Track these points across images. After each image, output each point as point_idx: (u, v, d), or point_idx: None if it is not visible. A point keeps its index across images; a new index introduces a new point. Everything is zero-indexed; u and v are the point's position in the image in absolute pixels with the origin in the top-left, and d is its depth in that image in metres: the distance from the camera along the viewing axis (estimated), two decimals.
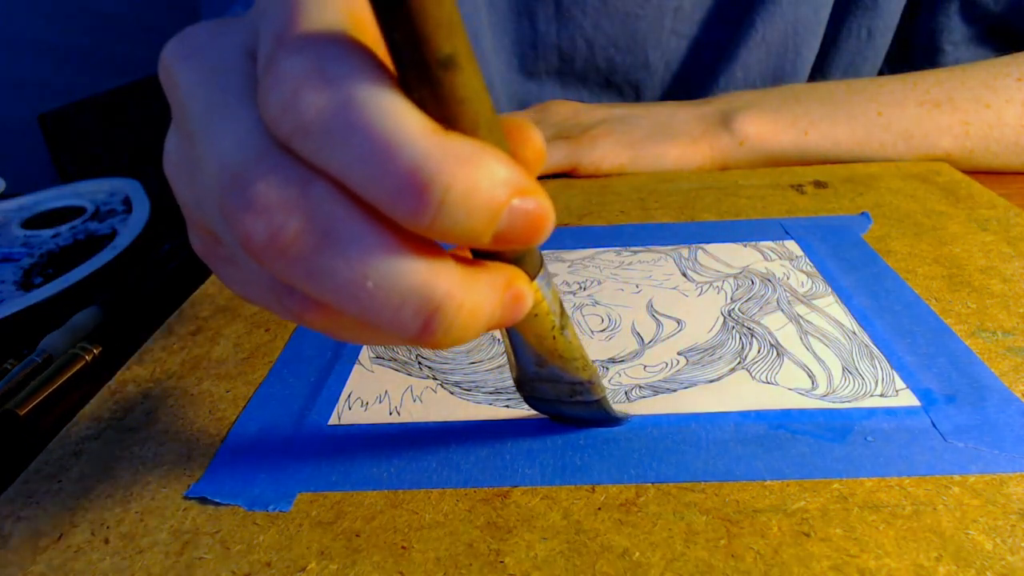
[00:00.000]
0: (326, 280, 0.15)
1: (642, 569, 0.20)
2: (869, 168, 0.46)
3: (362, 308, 0.15)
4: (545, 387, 0.24)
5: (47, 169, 0.93)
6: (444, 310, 0.15)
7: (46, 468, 0.26)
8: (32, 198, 0.52)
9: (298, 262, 0.15)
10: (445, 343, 0.16)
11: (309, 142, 0.14)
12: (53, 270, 0.42)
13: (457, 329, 0.15)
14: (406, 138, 0.14)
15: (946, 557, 0.20)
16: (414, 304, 0.15)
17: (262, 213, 0.15)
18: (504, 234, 0.15)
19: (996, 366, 0.27)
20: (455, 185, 0.14)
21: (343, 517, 0.23)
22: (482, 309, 0.16)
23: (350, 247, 0.15)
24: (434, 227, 0.14)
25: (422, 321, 0.15)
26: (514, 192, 0.15)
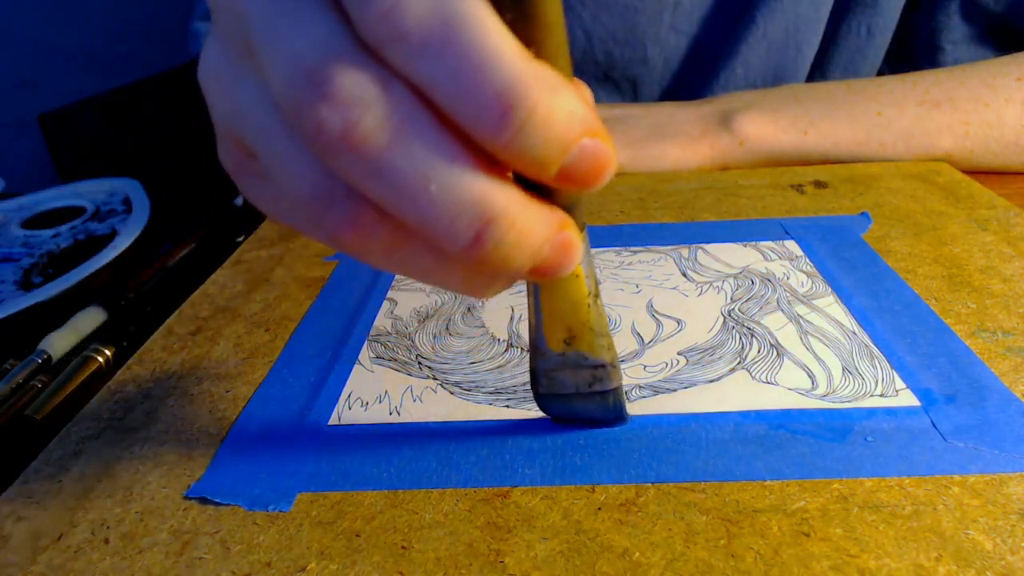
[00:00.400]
0: (392, 179, 0.15)
1: (642, 569, 0.20)
2: (869, 168, 0.46)
3: (420, 211, 0.15)
4: (565, 377, 0.24)
5: (47, 169, 0.93)
6: (497, 223, 0.16)
7: (46, 468, 0.26)
8: (32, 198, 0.52)
9: (367, 158, 0.15)
10: (492, 260, 0.16)
11: (404, 50, 0.15)
12: (53, 270, 0.42)
13: (506, 246, 0.16)
14: (500, 59, 0.14)
15: (946, 557, 0.20)
16: (470, 213, 0.15)
17: (339, 105, 0.15)
18: (570, 169, 0.15)
19: (996, 366, 0.27)
20: (538, 110, 0.14)
21: (343, 517, 0.23)
22: (533, 234, 0.16)
23: (421, 149, 0.15)
24: (510, 147, 0.15)
25: (475, 231, 0.15)
26: (586, 130, 0.15)
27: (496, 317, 0.33)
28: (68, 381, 0.30)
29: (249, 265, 0.40)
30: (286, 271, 0.39)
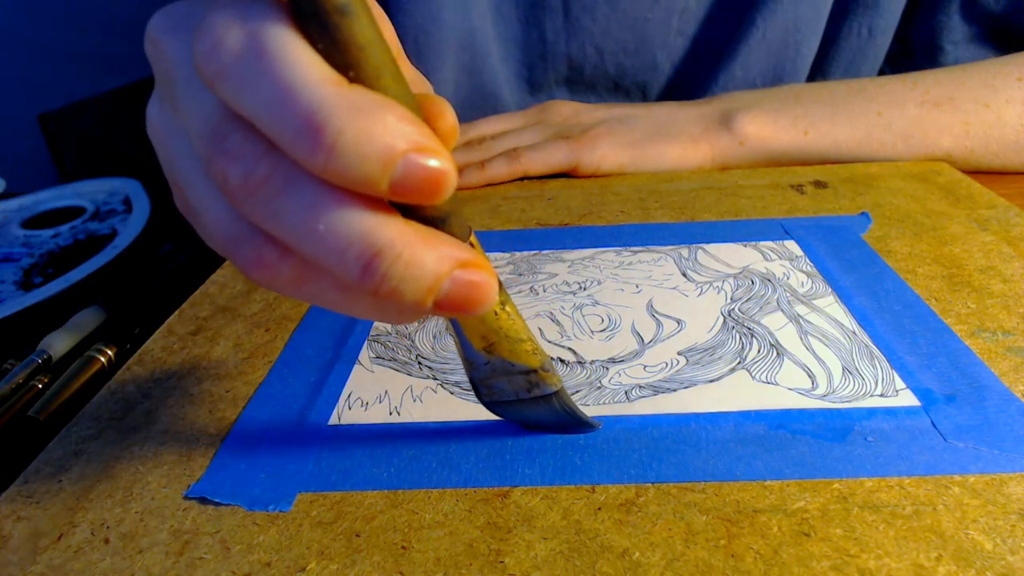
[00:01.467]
0: (287, 221, 0.17)
1: (642, 569, 0.20)
2: (869, 168, 0.46)
3: (314, 248, 0.17)
4: (501, 383, 0.24)
5: (47, 169, 0.93)
6: (383, 255, 0.16)
7: (46, 468, 0.26)
8: (32, 198, 0.52)
9: (264, 203, 0.17)
10: (384, 291, 0.17)
11: (227, 86, 0.16)
12: (53, 270, 0.42)
13: (394, 278, 0.17)
14: (305, 84, 0.15)
15: (946, 557, 0.20)
16: (357, 247, 0.16)
17: (237, 159, 0.17)
18: (401, 185, 0.16)
19: (996, 366, 0.27)
20: (347, 130, 0.15)
21: (343, 517, 0.23)
22: (423, 267, 0.17)
23: (308, 192, 0.16)
24: (328, 169, 0.16)
25: (363, 264, 0.16)
26: (412, 146, 0.16)
27: None
28: (70, 381, 0.30)
29: None
30: None
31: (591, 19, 0.54)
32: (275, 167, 0.17)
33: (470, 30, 0.53)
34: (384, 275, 0.17)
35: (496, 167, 0.48)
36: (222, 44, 0.16)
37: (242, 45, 0.16)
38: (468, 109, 0.57)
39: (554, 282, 0.36)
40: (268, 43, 0.16)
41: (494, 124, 0.53)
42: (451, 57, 0.54)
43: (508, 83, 0.58)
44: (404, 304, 0.17)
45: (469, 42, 0.53)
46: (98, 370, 0.32)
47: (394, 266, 0.17)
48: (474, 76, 0.55)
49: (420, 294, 0.17)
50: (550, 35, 0.55)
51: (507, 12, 0.55)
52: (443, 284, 0.17)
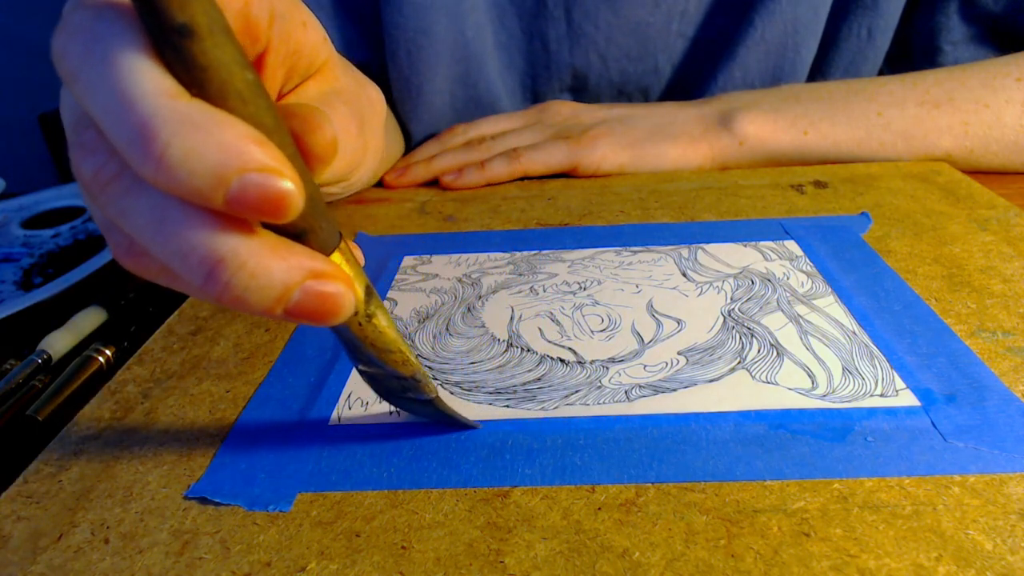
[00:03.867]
0: (134, 220, 0.17)
1: (642, 569, 0.20)
2: (869, 168, 0.46)
3: (160, 249, 0.17)
4: (380, 378, 0.24)
5: (47, 169, 0.93)
6: (225, 264, 0.16)
7: (46, 468, 0.26)
8: (32, 198, 0.52)
9: (113, 200, 0.17)
10: (228, 299, 0.17)
11: (75, 88, 0.17)
12: (53, 270, 0.42)
13: (238, 287, 0.17)
14: (141, 95, 0.15)
15: (946, 557, 0.20)
16: (200, 253, 0.17)
17: (91, 154, 0.17)
18: (237, 202, 0.16)
19: (996, 366, 0.27)
20: (175, 143, 0.15)
21: (343, 517, 0.23)
22: (269, 277, 0.17)
23: (152, 196, 0.17)
24: (159, 180, 0.16)
25: (206, 271, 0.17)
26: (249, 164, 0.16)
27: (496, 317, 0.33)
28: (70, 381, 0.30)
29: None
30: None
31: (594, 26, 0.54)
32: (124, 167, 0.17)
33: (464, 42, 0.53)
34: (227, 284, 0.17)
35: (496, 167, 0.48)
36: (71, 46, 0.16)
37: (87, 49, 0.16)
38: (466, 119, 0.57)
39: (554, 282, 0.36)
40: (110, 51, 0.16)
41: (493, 124, 0.53)
42: (444, 69, 0.54)
43: (510, 93, 0.58)
44: (255, 311, 0.17)
45: (463, 54, 0.53)
46: (97, 370, 0.32)
47: (237, 275, 0.17)
48: (469, 87, 0.55)
49: (267, 303, 0.17)
50: (553, 45, 0.55)
51: (509, 23, 0.55)
52: (293, 294, 0.17)
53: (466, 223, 0.43)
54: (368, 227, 0.44)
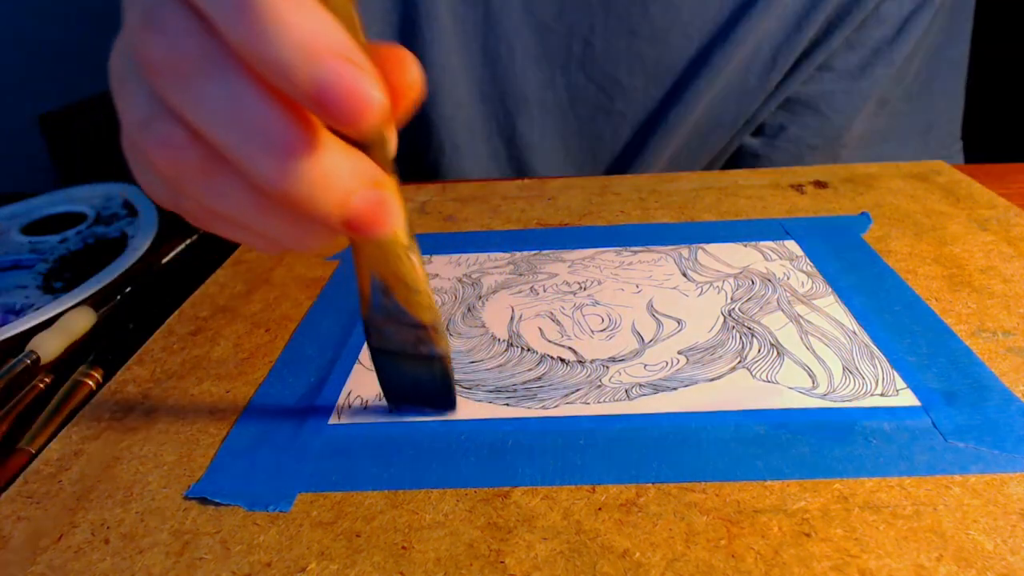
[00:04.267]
0: (205, 103, 0.16)
1: (643, 569, 0.20)
2: (869, 168, 0.46)
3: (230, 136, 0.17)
4: (391, 331, 0.24)
5: (47, 170, 0.93)
6: (301, 156, 0.16)
7: (46, 468, 0.26)
8: (24, 205, 0.52)
9: (185, 81, 0.17)
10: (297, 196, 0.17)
11: None
12: (71, 274, 0.42)
13: (309, 184, 0.17)
14: None
15: (947, 557, 0.20)
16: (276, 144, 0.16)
17: (165, 33, 0.17)
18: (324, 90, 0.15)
19: (996, 366, 0.27)
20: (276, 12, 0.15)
21: (343, 517, 0.23)
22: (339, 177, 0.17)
23: (231, 80, 0.16)
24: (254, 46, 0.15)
25: (280, 161, 0.16)
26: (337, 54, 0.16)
27: (496, 317, 0.33)
28: (59, 408, 0.29)
29: (249, 265, 0.40)
30: (286, 271, 0.39)
31: None
32: (204, 47, 0.16)
33: None
34: (300, 177, 0.16)
35: None
36: None
37: None
38: None
39: (554, 282, 0.36)
40: None
41: None
42: None
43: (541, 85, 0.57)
44: (314, 212, 0.17)
45: None
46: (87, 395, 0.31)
47: (310, 170, 0.16)
48: None
49: (331, 204, 0.17)
50: None
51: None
52: (354, 198, 0.17)
53: (466, 223, 0.43)
54: None
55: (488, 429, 0.26)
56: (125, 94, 0.19)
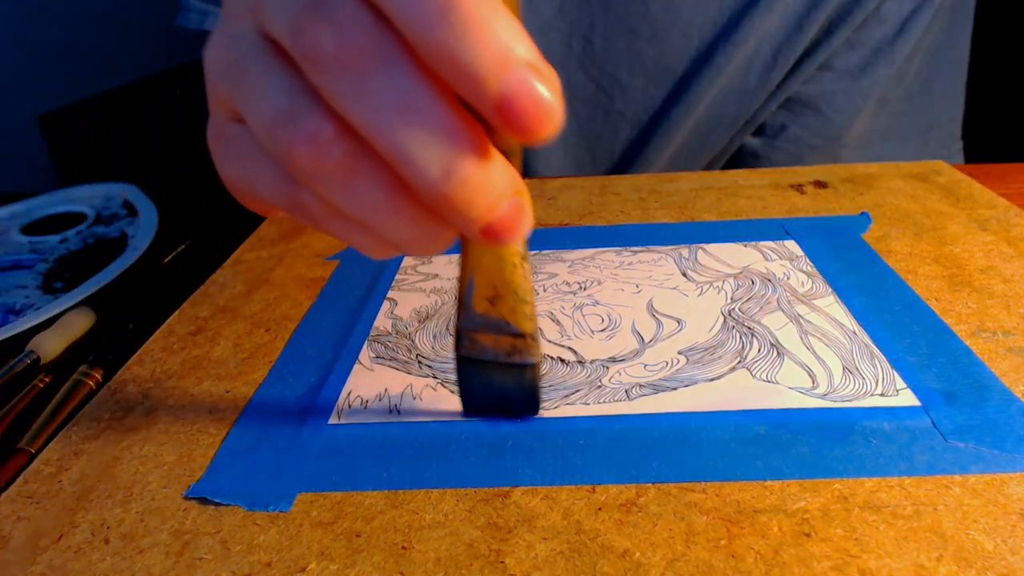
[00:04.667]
0: (373, 97, 0.16)
1: (643, 569, 0.20)
2: (869, 168, 0.46)
3: (396, 136, 0.16)
4: (486, 341, 0.24)
5: (47, 170, 0.93)
6: (466, 161, 0.16)
7: (46, 468, 0.26)
8: (23, 205, 0.52)
9: (354, 77, 0.16)
10: (454, 199, 0.16)
11: None
12: (71, 274, 0.42)
13: (469, 188, 0.16)
14: None
15: (947, 557, 0.20)
16: (443, 145, 0.16)
17: (336, 24, 0.16)
18: (509, 95, 0.15)
19: (996, 366, 0.27)
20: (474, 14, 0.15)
21: (343, 517, 0.23)
22: (495, 183, 0.17)
23: (402, 78, 0.16)
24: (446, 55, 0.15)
25: (444, 164, 0.16)
26: (528, 62, 0.16)
27: None
28: (59, 409, 0.29)
29: (249, 265, 0.40)
30: (286, 271, 0.39)
31: None
32: (378, 41, 0.16)
33: None
34: (462, 180, 0.16)
35: None
36: None
37: None
38: None
39: (554, 282, 0.36)
40: None
41: None
42: None
43: None
44: (464, 217, 0.17)
45: None
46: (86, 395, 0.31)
47: (474, 174, 0.16)
48: None
49: (482, 209, 0.17)
50: None
51: None
52: (502, 205, 0.17)
53: None
54: None
55: (488, 429, 0.26)
56: (250, 85, 0.18)
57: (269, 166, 0.19)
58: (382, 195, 0.18)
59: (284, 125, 0.17)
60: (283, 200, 0.20)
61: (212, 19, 0.51)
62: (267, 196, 0.20)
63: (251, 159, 0.20)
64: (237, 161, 0.20)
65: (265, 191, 0.20)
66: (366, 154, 0.17)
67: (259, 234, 0.44)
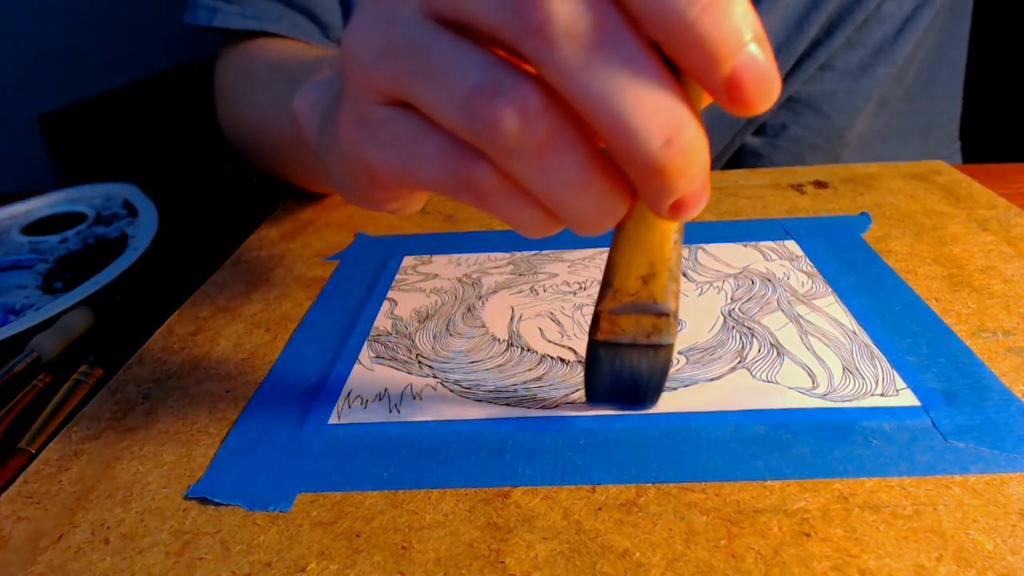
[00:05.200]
0: (601, 73, 0.16)
1: (643, 569, 0.20)
2: (869, 168, 0.46)
3: (620, 108, 0.16)
4: (626, 324, 0.23)
5: (47, 170, 0.93)
6: (687, 130, 0.17)
7: (46, 468, 0.26)
8: (24, 206, 0.52)
9: (583, 50, 0.16)
10: (672, 167, 0.17)
11: None
12: (71, 274, 0.42)
13: (688, 156, 0.17)
14: None
15: (947, 557, 0.20)
16: (666, 115, 0.16)
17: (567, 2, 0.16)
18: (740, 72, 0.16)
19: (996, 366, 0.27)
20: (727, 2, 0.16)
21: (343, 517, 0.23)
22: (705, 153, 0.17)
23: (630, 50, 0.16)
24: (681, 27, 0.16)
25: (667, 134, 0.16)
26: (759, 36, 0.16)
27: (496, 317, 0.33)
28: (59, 408, 0.29)
29: (249, 265, 0.40)
30: (286, 271, 0.39)
31: None
32: (607, 17, 0.16)
33: None
34: (682, 150, 0.17)
35: None
36: None
37: None
38: None
39: (554, 282, 0.36)
40: None
41: None
42: None
43: None
44: (668, 188, 0.17)
45: None
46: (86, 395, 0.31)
47: (694, 144, 0.17)
48: None
49: (690, 178, 0.17)
50: None
51: None
52: (703, 175, 0.18)
53: (466, 223, 0.43)
54: (368, 227, 0.44)
55: (488, 429, 0.26)
56: (433, 63, 0.18)
57: (434, 145, 0.19)
58: (575, 169, 0.18)
59: (488, 98, 0.17)
60: (446, 179, 0.20)
61: (221, 15, 0.51)
62: (426, 176, 0.20)
63: (410, 140, 0.20)
64: (389, 144, 0.20)
65: (424, 171, 0.20)
66: (569, 126, 0.17)
67: (259, 234, 0.44)
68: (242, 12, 0.51)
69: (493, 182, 0.19)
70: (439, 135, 0.19)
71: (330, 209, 0.47)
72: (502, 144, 0.18)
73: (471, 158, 0.19)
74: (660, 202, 0.18)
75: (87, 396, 0.30)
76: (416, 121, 0.19)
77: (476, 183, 0.19)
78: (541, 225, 0.20)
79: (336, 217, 0.46)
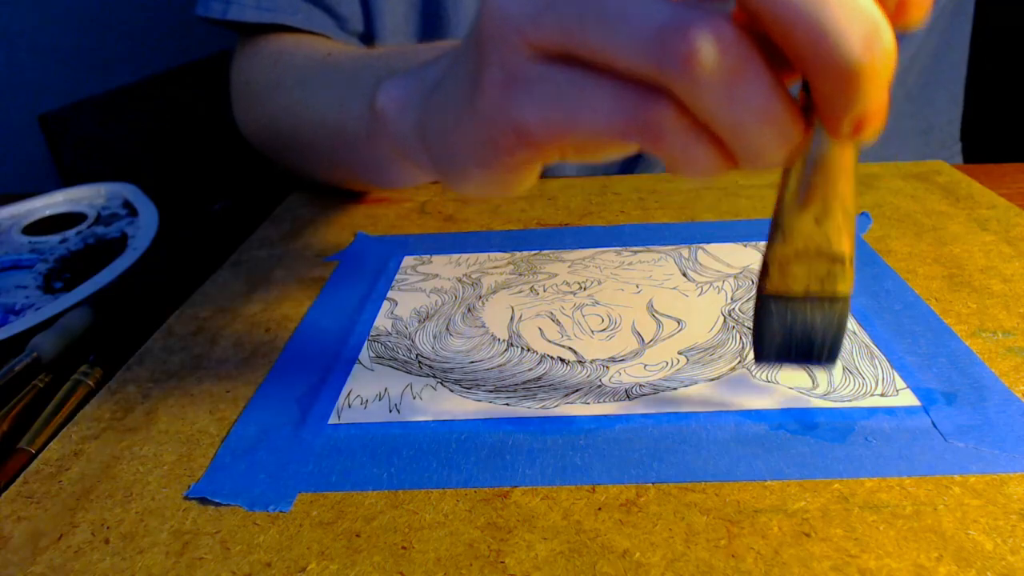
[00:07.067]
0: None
1: (643, 569, 0.20)
2: (869, 168, 0.46)
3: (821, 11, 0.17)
4: (798, 272, 0.22)
5: (47, 169, 0.93)
6: (883, 32, 0.17)
7: (46, 468, 0.26)
8: (24, 206, 0.52)
9: None
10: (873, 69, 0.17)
11: None
12: (71, 274, 0.42)
13: (885, 57, 0.17)
14: None
15: (947, 557, 0.20)
16: (865, 18, 0.17)
17: None
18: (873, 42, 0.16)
19: (996, 366, 0.27)
20: None
21: (343, 517, 0.23)
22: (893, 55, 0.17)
23: None
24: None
25: (866, 35, 0.17)
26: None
27: (496, 317, 0.33)
28: (59, 409, 0.29)
29: (249, 265, 0.40)
30: (286, 271, 0.39)
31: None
32: None
33: None
34: (882, 52, 0.17)
35: None
36: None
37: None
38: None
39: (554, 282, 0.36)
40: None
41: None
42: None
43: None
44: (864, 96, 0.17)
45: None
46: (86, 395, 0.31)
47: (889, 45, 0.17)
48: None
49: (883, 90, 0.17)
50: None
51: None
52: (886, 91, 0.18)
53: (466, 223, 0.43)
54: (368, 227, 0.44)
55: (488, 429, 0.26)
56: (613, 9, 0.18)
57: (605, 91, 0.19)
58: (763, 99, 0.18)
59: (680, 32, 0.17)
60: (621, 124, 0.20)
61: (235, 8, 0.49)
62: (595, 124, 0.20)
63: (575, 91, 0.20)
64: (548, 100, 0.20)
65: (593, 120, 0.20)
66: (756, 54, 0.18)
67: (259, 234, 0.44)
68: (257, 4, 0.49)
69: (673, 120, 0.19)
70: (608, 81, 0.19)
71: (330, 209, 0.47)
72: (695, 77, 0.18)
73: (650, 98, 0.19)
74: (843, 116, 0.18)
75: (87, 396, 0.30)
76: (578, 72, 0.20)
77: (655, 123, 0.19)
78: (714, 162, 0.20)
79: (336, 217, 0.46)
